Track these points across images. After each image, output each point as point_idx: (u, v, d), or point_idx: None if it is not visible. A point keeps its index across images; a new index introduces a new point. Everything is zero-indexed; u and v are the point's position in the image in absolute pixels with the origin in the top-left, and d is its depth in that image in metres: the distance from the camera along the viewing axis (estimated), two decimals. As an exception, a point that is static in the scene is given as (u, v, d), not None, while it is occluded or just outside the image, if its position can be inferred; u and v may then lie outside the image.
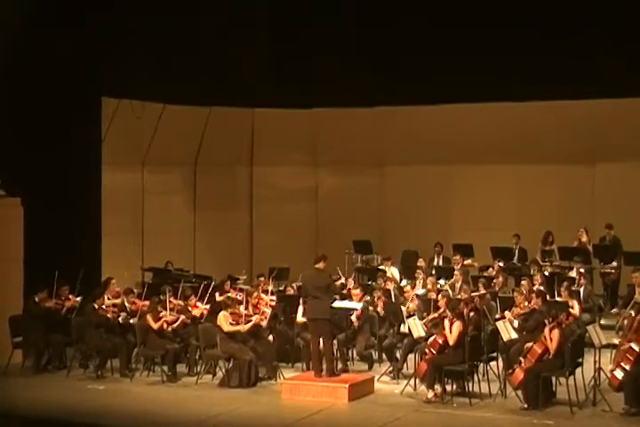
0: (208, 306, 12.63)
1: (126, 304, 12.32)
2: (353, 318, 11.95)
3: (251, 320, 11.59)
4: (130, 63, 14.83)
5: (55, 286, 12.37)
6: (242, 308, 11.76)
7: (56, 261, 12.86)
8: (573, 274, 13.98)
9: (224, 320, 11.40)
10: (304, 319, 11.68)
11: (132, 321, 12.07)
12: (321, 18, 16.52)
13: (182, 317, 12.03)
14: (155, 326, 11.73)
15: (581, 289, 13.19)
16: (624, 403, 9.79)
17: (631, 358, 9.96)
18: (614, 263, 15.07)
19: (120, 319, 12.04)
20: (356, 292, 12.43)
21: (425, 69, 15.79)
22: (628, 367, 9.94)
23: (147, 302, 12.26)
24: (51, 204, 13.86)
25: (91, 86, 14.51)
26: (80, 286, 12.58)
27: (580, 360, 10.47)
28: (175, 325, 11.92)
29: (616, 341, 10.91)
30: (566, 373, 10.14)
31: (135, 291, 12.93)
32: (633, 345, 10.04)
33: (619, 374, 10.01)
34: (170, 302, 12.17)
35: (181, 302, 12.51)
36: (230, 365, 11.37)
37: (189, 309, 12.50)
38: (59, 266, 12.51)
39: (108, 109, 15.33)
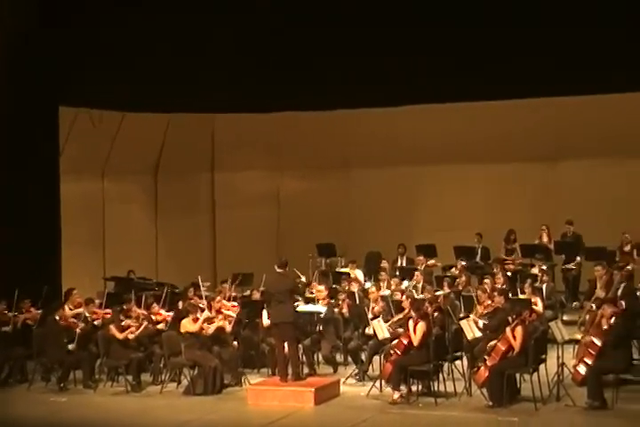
0: (171, 314, 12.54)
1: (87, 314, 12.19)
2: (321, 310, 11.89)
3: (214, 322, 11.52)
4: (87, 72, 14.71)
5: (16, 299, 12.21)
6: (205, 313, 11.69)
7: (15, 273, 12.69)
8: (536, 271, 14.08)
9: (188, 324, 11.33)
10: (269, 322, 11.64)
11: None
12: (280, 21, 16.50)
13: (145, 323, 11.92)
14: (119, 335, 11.62)
15: (544, 286, 13.29)
16: (587, 397, 9.86)
17: (593, 352, 10.04)
18: (578, 258, 15.19)
19: (78, 329, 11.88)
20: (321, 289, 12.45)
21: (387, 71, 15.80)
22: (590, 362, 10.03)
23: (108, 311, 12.14)
24: (9, 215, 13.69)
25: (47, 96, 14.37)
26: (43, 300, 12.43)
27: (544, 356, 10.53)
28: (138, 333, 11.82)
29: (578, 336, 11.00)
30: (530, 369, 10.19)
31: (97, 301, 12.80)
32: (595, 340, 10.13)
33: (581, 369, 10.10)
34: (133, 310, 12.07)
35: (144, 311, 12.41)
36: (195, 372, 11.31)
37: (152, 317, 12.41)
38: (18, 277, 12.36)
39: (66, 119, 15.20)
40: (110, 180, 16.73)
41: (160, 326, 12.18)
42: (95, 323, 12.16)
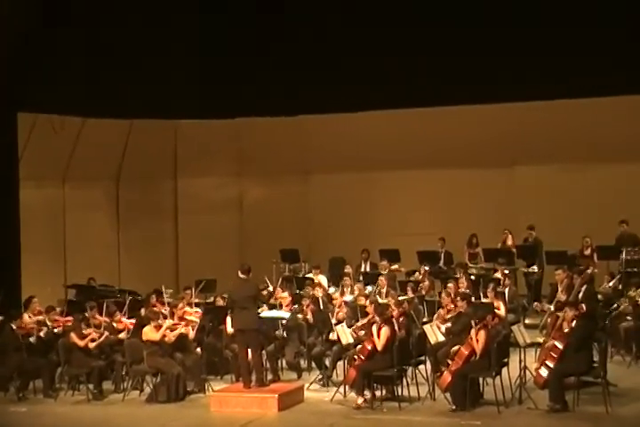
0: (133, 321, 12.42)
1: (48, 322, 12.03)
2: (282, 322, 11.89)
3: (177, 329, 11.43)
4: (47, 77, 14.56)
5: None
6: (167, 321, 11.60)
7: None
8: (498, 275, 14.17)
9: (150, 332, 11.23)
10: (233, 330, 11.57)
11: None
12: (243, 28, 16.50)
13: (107, 333, 11.80)
14: (80, 343, 11.49)
15: (506, 290, 13.38)
16: (549, 400, 9.93)
17: (555, 355, 10.12)
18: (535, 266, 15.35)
19: (42, 334, 11.72)
20: (284, 295, 12.41)
21: (344, 77, 15.90)
22: (551, 365, 10.10)
23: (69, 319, 11.99)
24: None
25: (6, 102, 14.20)
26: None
27: (506, 360, 10.59)
28: (100, 341, 11.69)
29: (540, 339, 11.08)
30: (493, 373, 10.24)
31: (57, 309, 12.65)
32: (556, 343, 10.20)
33: (543, 371, 10.16)
34: (94, 318, 11.94)
35: (106, 319, 12.29)
36: (157, 380, 11.20)
37: (114, 325, 12.28)
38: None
39: (26, 125, 15.03)
40: (71, 186, 16.58)
41: (122, 335, 12.04)
42: (56, 331, 12.00)
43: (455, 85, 15.46)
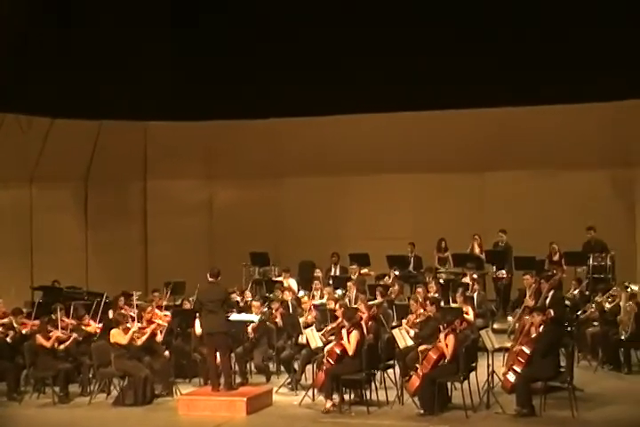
0: (101, 324, 12.32)
1: (15, 325, 11.89)
2: (249, 329, 11.86)
3: (145, 332, 11.35)
4: (15, 76, 14.40)
5: None
6: (135, 323, 11.51)
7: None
8: (467, 280, 14.23)
9: (118, 335, 11.14)
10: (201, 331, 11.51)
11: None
12: (214, 29, 16.46)
13: (74, 335, 11.68)
14: (47, 344, 11.36)
15: (475, 295, 13.45)
16: (516, 404, 9.98)
17: (522, 360, 10.18)
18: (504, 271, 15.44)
19: (8, 339, 11.58)
20: (256, 304, 12.39)
21: (315, 80, 15.92)
22: (519, 370, 10.16)
23: (36, 322, 11.86)
24: None
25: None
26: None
27: (474, 364, 10.64)
28: (67, 343, 11.57)
29: (508, 344, 11.15)
30: (461, 377, 10.28)
31: (25, 311, 12.50)
32: (524, 348, 10.26)
33: (511, 376, 10.22)
34: (61, 320, 11.82)
35: (73, 321, 12.17)
36: (125, 383, 11.11)
37: (82, 327, 12.17)
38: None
39: (-8, 124, 14.88)
40: (39, 187, 16.40)
41: (88, 333, 11.93)
42: (23, 332, 11.86)
43: (426, 91, 15.54)
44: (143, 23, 16.06)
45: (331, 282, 15.02)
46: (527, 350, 10.20)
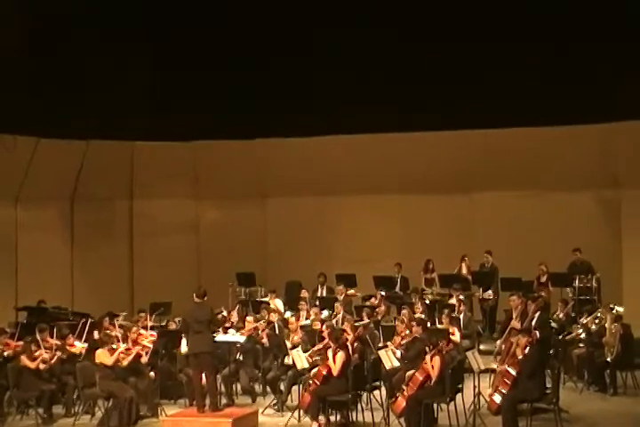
0: (86, 344, 12.23)
1: (-1, 346, 11.80)
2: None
3: (131, 353, 11.27)
4: (1, 96, 14.38)
5: None
6: (121, 344, 11.44)
7: None
8: (453, 301, 14.23)
9: (104, 356, 11.07)
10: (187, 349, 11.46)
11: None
12: (200, 51, 16.52)
13: (58, 353, 11.59)
14: (32, 365, 11.27)
15: (461, 316, 13.44)
16: (502, 426, 9.95)
17: (508, 381, 10.18)
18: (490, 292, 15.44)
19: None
20: (250, 319, 12.41)
21: (301, 102, 15.98)
22: (505, 391, 10.16)
23: (20, 343, 11.76)
24: None
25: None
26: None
27: (460, 386, 10.62)
28: (52, 362, 11.47)
29: (494, 365, 11.14)
30: (447, 399, 10.26)
31: (9, 331, 12.41)
32: (509, 369, 10.27)
33: (497, 398, 10.23)
34: (46, 341, 11.73)
35: (58, 342, 12.08)
36: (110, 404, 11.02)
37: (67, 347, 12.08)
38: None
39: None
40: (24, 207, 16.33)
41: (72, 353, 11.84)
42: (5, 354, 11.75)
43: (413, 112, 15.61)
44: (128, 43, 16.09)
45: (317, 303, 14.98)
46: (513, 372, 10.21)
